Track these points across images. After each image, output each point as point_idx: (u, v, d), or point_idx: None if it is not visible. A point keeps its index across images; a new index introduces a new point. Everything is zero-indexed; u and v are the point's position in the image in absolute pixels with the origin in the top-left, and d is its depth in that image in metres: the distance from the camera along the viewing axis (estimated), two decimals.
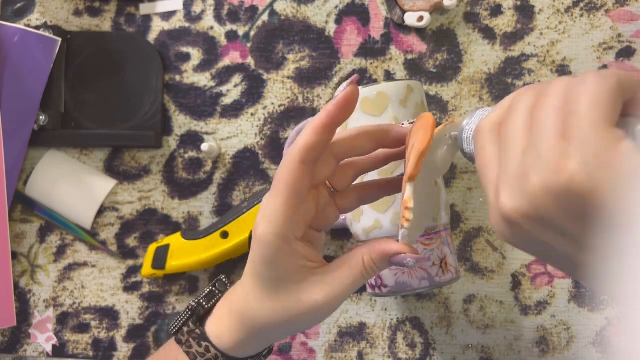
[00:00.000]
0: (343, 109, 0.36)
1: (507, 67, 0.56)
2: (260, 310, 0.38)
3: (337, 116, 0.36)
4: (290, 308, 0.37)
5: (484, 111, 0.37)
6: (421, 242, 0.47)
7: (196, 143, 0.57)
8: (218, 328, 0.40)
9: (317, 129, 0.36)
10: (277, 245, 0.36)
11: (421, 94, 0.51)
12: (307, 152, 0.36)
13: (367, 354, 0.55)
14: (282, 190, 0.36)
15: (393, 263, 0.37)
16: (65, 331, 0.57)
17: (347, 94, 0.36)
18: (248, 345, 0.40)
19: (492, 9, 0.57)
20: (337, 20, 0.58)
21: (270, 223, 0.36)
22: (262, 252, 0.36)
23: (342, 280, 0.37)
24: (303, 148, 0.36)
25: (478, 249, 0.55)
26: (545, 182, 0.27)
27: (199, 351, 0.40)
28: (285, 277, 0.37)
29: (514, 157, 0.29)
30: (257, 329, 0.38)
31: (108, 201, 0.58)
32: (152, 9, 0.59)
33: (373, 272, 0.37)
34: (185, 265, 0.54)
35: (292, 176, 0.36)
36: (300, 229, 0.38)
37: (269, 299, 0.37)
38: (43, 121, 0.56)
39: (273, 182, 0.37)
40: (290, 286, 0.37)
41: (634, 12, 0.56)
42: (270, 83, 0.57)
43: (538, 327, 0.55)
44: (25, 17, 0.60)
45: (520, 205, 0.28)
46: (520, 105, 0.30)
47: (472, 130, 0.37)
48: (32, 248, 0.58)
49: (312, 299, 0.37)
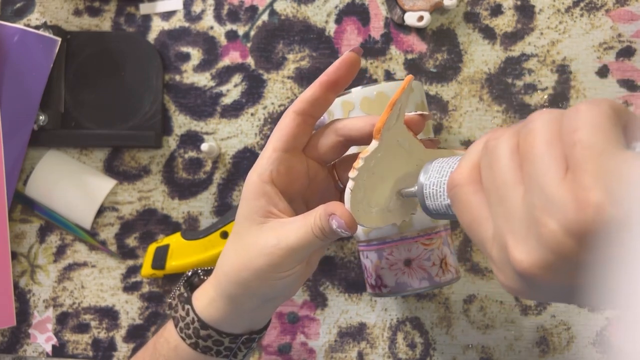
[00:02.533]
0: (341, 69, 0.38)
1: (507, 67, 0.56)
2: (227, 257, 0.39)
3: (333, 74, 0.38)
4: (247, 250, 0.38)
5: (441, 163, 0.34)
6: (421, 242, 0.47)
7: (196, 143, 0.57)
8: (199, 291, 0.41)
9: (313, 85, 0.39)
10: (253, 183, 0.38)
11: (421, 94, 0.51)
12: (303, 103, 0.38)
13: (367, 354, 0.55)
14: (273, 137, 0.39)
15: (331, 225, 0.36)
16: (65, 331, 0.57)
17: (347, 57, 0.38)
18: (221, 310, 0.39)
19: (492, 8, 0.57)
20: (337, 20, 0.58)
21: (255, 166, 0.39)
22: (243, 191, 0.39)
23: (295, 229, 0.37)
24: (300, 100, 0.39)
25: (478, 249, 0.55)
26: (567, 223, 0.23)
27: (181, 315, 0.40)
28: (250, 217, 0.38)
29: (514, 205, 0.26)
30: (224, 283, 0.39)
31: (108, 201, 0.58)
32: (152, 8, 0.59)
33: (321, 231, 0.36)
34: (185, 265, 0.54)
35: (283, 123, 0.39)
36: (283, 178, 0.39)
37: (235, 242, 0.39)
38: (43, 121, 0.56)
39: None
40: (253, 228, 0.38)
41: (634, 12, 0.56)
42: (270, 83, 0.57)
43: (538, 327, 0.54)
44: (25, 17, 0.60)
45: (541, 257, 0.25)
46: (500, 149, 0.27)
47: (434, 185, 0.34)
48: (32, 248, 0.58)
49: (264, 241, 0.37)
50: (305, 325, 0.56)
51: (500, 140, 0.28)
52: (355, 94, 0.48)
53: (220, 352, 0.40)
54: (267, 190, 0.38)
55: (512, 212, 0.26)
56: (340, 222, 0.35)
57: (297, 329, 0.56)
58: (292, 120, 0.39)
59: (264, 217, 0.38)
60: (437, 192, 0.34)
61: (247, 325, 0.41)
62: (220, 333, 0.40)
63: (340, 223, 0.35)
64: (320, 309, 0.56)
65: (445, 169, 0.34)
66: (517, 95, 0.56)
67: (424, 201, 0.35)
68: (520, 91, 0.56)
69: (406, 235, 0.47)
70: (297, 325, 0.56)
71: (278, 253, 0.36)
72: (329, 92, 0.39)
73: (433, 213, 0.35)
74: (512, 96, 0.56)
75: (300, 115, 0.38)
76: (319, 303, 0.56)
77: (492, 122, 0.56)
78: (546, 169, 0.25)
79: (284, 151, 0.38)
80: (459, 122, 0.56)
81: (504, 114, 0.56)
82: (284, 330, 0.56)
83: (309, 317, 0.56)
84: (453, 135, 0.56)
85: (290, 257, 0.37)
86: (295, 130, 0.39)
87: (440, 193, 0.33)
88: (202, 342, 0.40)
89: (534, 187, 0.25)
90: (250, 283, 0.38)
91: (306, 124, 0.39)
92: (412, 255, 0.47)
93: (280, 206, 0.38)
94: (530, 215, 0.25)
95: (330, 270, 0.56)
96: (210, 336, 0.40)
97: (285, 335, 0.56)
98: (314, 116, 0.39)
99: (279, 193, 0.38)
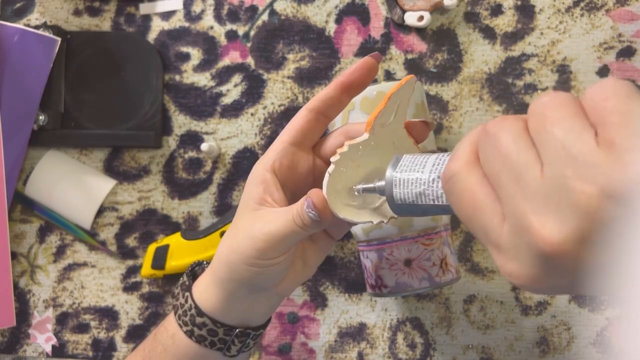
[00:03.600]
0: (357, 72, 0.39)
1: (508, 67, 0.56)
2: (222, 241, 0.40)
3: (349, 77, 0.39)
4: (237, 234, 0.38)
5: (416, 157, 0.33)
6: (421, 242, 0.47)
7: (196, 143, 0.57)
8: (199, 279, 0.42)
9: (330, 85, 0.39)
10: (255, 170, 0.39)
11: (421, 93, 0.51)
12: (316, 101, 0.39)
13: (367, 354, 0.55)
14: (284, 131, 0.40)
15: (304, 207, 0.36)
16: (65, 331, 0.57)
17: (365, 61, 0.39)
18: (214, 296, 0.40)
19: (492, 8, 0.57)
20: (337, 20, 0.58)
21: (262, 156, 0.40)
22: (247, 180, 0.40)
23: (279, 217, 0.37)
24: (314, 98, 0.40)
25: (478, 249, 0.55)
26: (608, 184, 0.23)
27: (181, 302, 0.41)
28: (247, 202, 0.39)
29: (534, 182, 0.25)
30: (217, 267, 0.40)
31: (108, 201, 0.58)
32: (152, 8, 0.59)
33: (300, 218, 0.36)
34: (185, 265, 0.54)
35: (294, 119, 0.40)
36: (285, 170, 0.39)
37: (231, 227, 0.40)
38: (43, 121, 0.56)
39: None
40: (247, 213, 0.39)
41: (634, 12, 0.56)
42: (270, 83, 0.57)
43: (538, 328, 0.54)
44: (25, 16, 0.60)
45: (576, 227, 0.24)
46: (506, 131, 0.27)
47: (410, 180, 0.32)
48: (32, 248, 0.58)
49: (251, 225, 0.38)
50: (305, 326, 0.56)
51: (503, 124, 0.28)
52: None
53: (214, 343, 0.41)
54: (266, 178, 0.39)
55: (533, 189, 0.25)
56: (309, 202, 0.35)
57: (297, 329, 0.56)
58: (303, 117, 0.39)
59: (258, 204, 0.38)
60: (411, 185, 0.32)
61: (240, 317, 0.41)
62: (215, 322, 0.40)
63: (309, 203, 0.35)
64: (320, 309, 0.56)
65: (420, 162, 0.33)
66: (517, 95, 0.56)
67: (392, 196, 0.33)
68: (520, 91, 0.56)
69: (406, 235, 0.47)
70: (297, 325, 0.56)
71: (261, 237, 0.37)
72: (343, 94, 0.39)
73: (406, 210, 0.34)
74: (512, 96, 0.56)
75: (312, 112, 0.39)
76: (319, 303, 0.56)
77: None
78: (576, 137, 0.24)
79: (291, 144, 0.39)
80: (459, 122, 0.56)
81: (504, 114, 0.56)
82: (284, 330, 0.56)
83: (309, 317, 0.56)
84: (453, 135, 0.56)
85: (274, 244, 0.37)
86: (306, 126, 0.39)
87: (418, 185, 0.32)
88: (197, 331, 0.40)
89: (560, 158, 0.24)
90: (237, 267, 0.38)
91: (318, 121, 0.40)
92: (412, 255, 0.47)
93: (275, 196, 0.39)
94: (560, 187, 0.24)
95: (330, 270, 0.56)
96: (205, 324, 0.40)
97: (285, 335, 0.56)
98: (326, 115, 0.40)
99: (277, 183, 0.39)
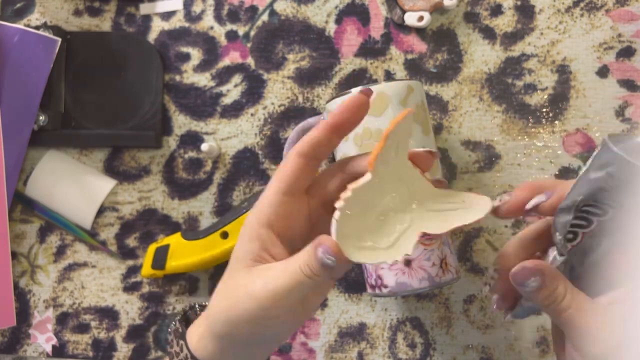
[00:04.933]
0: (345, 113, 0.37)
1: (507, 67, 0.56)
2: (218, 295, 0.37)
3: (338, 118, 0.37)
4: (236, 292, 0.36)
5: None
6: (421, 242, 0.47)
7: (196, 143, 0.57)
8: (193, 326, 0.40)
9: (319, 127, 0.37)
10: (249, 225, 0.37)
11: (421, 94, 0.51)
12: (305, 145, 0.37)
13: (367, 354, 0.55)
14: (274, 179, 0.37)
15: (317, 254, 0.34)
16: (65, 331, 0.57)
17: (357, 99, 0.37)
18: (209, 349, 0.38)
19: (492, 8, 0.57)
20: (337, 20, 0.58)
21: (254, 207, 0.37)
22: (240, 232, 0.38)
23: (282, 270, 0.35)
24: (303, 142, 0.37)
25: (478, 249, 0.55)
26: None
27: (176, 350, 0.39)
28: (242, 259, 0.37)
29: None
30: (212, 321, 0.37)
31: (108, 201, 0.58)
32: (152, 8, 0.59)
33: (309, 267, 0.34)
34: (185, 265, 0.54)
35: (285, 165, 0.37)
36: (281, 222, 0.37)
37: (226, 282, 0.37)
38: (43, 121, 0.56)
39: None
40: (242, 270, 0.36)
41: (634, 12, 0.56)
42: (270, 83, 0.57)
43: (538, 328, 0.54)
44: (25, 17, 0.60)
45: None
46: None
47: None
48: (32, 248, 0.58)
49: (251, 283, 0.35)
50: (305, 325, 0.56)
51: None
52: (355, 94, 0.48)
53: None
54: (261, 234, 0.37)
55: None
56: (325, 246, 0.33)
57: (297, 329, 0.56)
58: (294, 163, 0.37)
59: (253, 261, 0.36)
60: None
61: None
62: None
63: (325, 247, 0.33)
64: (320, 309, 0.56)
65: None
66: (517, 95, 0.56)
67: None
68: (520, 91, 0.56)
69: None
70: None
71: (266, 295, 0.34)
72: (334, 135, 0.37)
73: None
74: (512, 96, 0.56)
75: (302, 157, 0.37)
76: None
77: (492, 122, 0.56)
78: None
79: (285, 194, 0.37)
80: (459, 122, 0.56)
81: (504, 114, 0.56)
82: None
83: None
84: (453, 135, 0.56)
85: (279, 300, 0.35)
86: (298, 172, 0.37)
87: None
88: None
89: None
90: (239, 325, 0.36)
91: (309, 166, 0.37)
92: (412, 255, 0.47)
93: (273, 251, 0.37)
94: None
95: None
96: None
97: None
98: (317, 158, 0.38)
99: (274, 238, 0.37)
